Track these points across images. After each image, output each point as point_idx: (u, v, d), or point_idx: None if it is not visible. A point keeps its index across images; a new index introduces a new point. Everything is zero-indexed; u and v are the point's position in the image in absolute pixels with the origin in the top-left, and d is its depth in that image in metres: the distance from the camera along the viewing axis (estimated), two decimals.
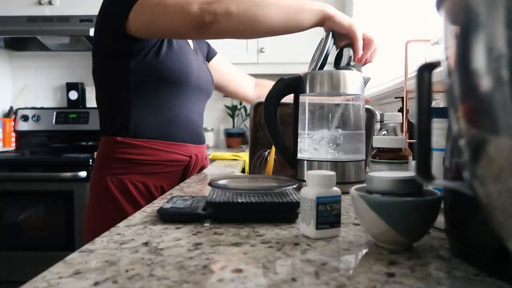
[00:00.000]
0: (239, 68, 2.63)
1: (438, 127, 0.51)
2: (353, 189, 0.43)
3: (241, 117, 2.78)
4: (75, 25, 2.34)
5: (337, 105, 0.78)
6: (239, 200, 0.52)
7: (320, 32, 0.90)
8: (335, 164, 0.75)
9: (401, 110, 1.27)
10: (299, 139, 0.79)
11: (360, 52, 0.85)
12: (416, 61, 1.28)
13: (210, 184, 0.59)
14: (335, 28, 0.84)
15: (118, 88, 0.98)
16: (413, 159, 0.77)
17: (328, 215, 0.44)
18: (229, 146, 2.68)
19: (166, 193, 0.76)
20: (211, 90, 1.23)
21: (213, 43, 2.46)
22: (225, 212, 0.52)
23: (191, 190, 0.78)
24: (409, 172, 0.58)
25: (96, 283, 0.31)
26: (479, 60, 0.19)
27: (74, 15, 2.34)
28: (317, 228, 0.43)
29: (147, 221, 0.52)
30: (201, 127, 1.17)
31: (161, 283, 0.32)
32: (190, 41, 1.14)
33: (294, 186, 0.59)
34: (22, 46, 2.69)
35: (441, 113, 0.51)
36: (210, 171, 1.19)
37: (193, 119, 1.09)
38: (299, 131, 0.80)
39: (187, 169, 1.03)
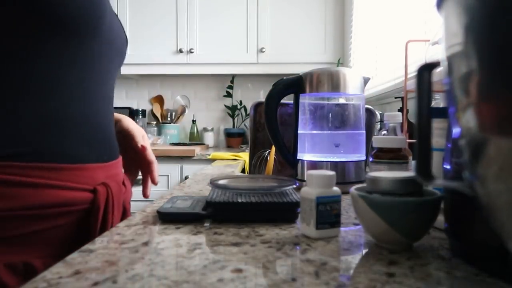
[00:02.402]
0: (240, 68, 2.62)
1: (438, 127, 0.51)
2: (353, 189, 0.43)
3: (241, 117, 2.78)
4: None
5: (337, 105, 0.78)
6: (239, 200, 0.52)
7: (320, 32, 0.90)
8: (335, 164, 0.75)
9: (401, 110, 1.27)
10: (299, 139, 0.79)
11: None
12: (416, 61, 1.28)
13: (210, 184, 0.59)
14: None
15: None
16: (413, 159, 0.77)
17: (328, 215, 0.44)
18: (229, 146, 2.68)
19: (165, 193, 0.76)
20: (125, 52, 0.71)
21: (213, 42, 2.47)
22: (225, 212, 0.52)
23: (191, 190, 0.78)
24: (409, 172, 0.58)
25: (96, 283, 0.31)
26: None
27: None
28: (317, 228, 0.43)
29: (147, 221, 0.52)
30: (112, 123, 0.66)
31: (161, 283, 0.32)
32: None
33: (294, 186, 0.59)
34: None
35: (441, 113, 0.51)
36: (210, 171, 1.19)
37: (100, 110, 0.60)
38: (299, 131, 0.80)
39: (91, 214, 0.56)
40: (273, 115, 0.79)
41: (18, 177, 0.48)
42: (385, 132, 0.87)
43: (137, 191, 0.83)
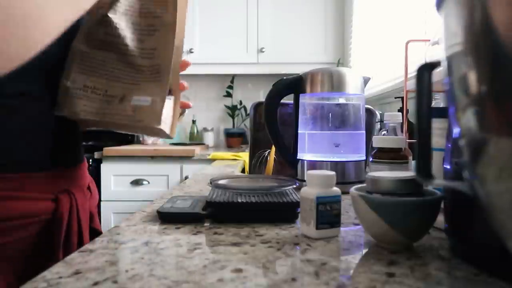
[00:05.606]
0: (240, 68, 2.61)
1: (438, 127, 0.51)
2: (353, 189, 0.43)
3: (241, 117, 2.78)
4: None
5: (337, 105, 0.78)
6: (239, 200, 0.52)
7: (320, 32, 0.90)
8: (335, 164, 0.75)
9: (401, 110, 1.27)
10: (299, 139, 0.79)
11: None
12: (416, 61, 1.28)
13: (210, 184, 0.59)
14: None
15: None
16: (413, 159, 0.77)
17: (328, 215, 0.44)
18: (229, 146, 2.68)
19: (165, 193, 0.76)
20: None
21: (213, 42, 2.47)
22: (225, 212, 0.52)
23: (191, 190, 0.78)
24: (409, 172, 0.58)
25: (96, 283, 0.31)
26: None
27: None
28: (317, 228, 0.43)
29: (147, 221, 0.52)
30: (75, 125, 0.61)
31: (161, 283, 0.32)
32: None
33: (294, 186, 0.59)
34: None
35: (441, 113, 0.51)
36: (210, 171, 1.19)
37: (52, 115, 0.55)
38: (299, 131, 0.80)
39: (54, 225, 0.54)
40: (273, 115, 0.79)
41: None
42: (385, 132, 0.87)
43: (138, 190, 0.83)
